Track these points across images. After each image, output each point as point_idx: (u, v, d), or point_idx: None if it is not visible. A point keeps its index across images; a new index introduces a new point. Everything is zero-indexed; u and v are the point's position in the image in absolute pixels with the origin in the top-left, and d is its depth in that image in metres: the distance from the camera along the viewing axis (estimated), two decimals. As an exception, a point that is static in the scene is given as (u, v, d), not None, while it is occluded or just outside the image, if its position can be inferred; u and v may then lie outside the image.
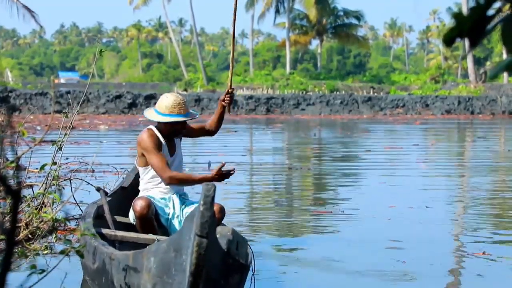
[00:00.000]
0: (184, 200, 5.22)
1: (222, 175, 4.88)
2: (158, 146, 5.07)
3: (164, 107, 5.03)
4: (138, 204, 4.88)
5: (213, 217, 3.27)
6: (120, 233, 4.87)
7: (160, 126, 5.13)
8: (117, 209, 5.40)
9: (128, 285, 3.84)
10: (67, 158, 5.95)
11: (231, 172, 4.94)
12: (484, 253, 5.98)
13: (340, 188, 10.37)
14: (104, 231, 4.85)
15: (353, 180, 11.29)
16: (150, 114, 5.10)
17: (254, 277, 5.00)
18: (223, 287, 3.65)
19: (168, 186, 5.14)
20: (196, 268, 3.27)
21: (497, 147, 18.61)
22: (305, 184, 11.12)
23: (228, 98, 5.50)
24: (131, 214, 5.06)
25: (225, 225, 5.17)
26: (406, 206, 8.28)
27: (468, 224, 7.43)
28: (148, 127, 5.18)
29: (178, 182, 5.04)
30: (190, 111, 5.16)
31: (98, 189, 5.67)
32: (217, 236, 3.57)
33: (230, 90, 5.51)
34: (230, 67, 5.65)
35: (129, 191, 5.63)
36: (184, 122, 5.13)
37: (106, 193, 5.53)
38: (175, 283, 3.41)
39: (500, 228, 7.36)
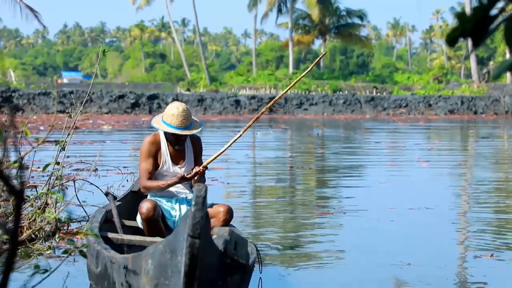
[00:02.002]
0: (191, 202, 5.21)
1: (189, 177, 4.96)
2: (153, 153, 5.12)
3: (167, 116, 5.05)
4: (144, 206, 4.89)
5: (205, 218, 3.28)
6: (127, 237, 4.86)
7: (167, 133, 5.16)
8: (128, 214, 5.40)
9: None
10: (68, 157, 5.94)
11: (199, 171, 4.97)
12: (492, 255, 5.90)
13: (341, 188, 10.35)
14: (111, 235, 4.85)
15: (354, 179, 11.28)
16: (156, 121, 5.14)
17: (261, 279, 5.01)
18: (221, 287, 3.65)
19: (174, 189, 5.16)
20: (189, 269, 3.28)
21: (500, 146, 18.58)
22: (306, 184, 11.11)
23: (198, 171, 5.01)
24: (139, 217, 5.07)
25: (233, 226, 5.18)
26: (408, 207, 8.25)
27: (473, 225, 7.41)
28: (155, 132, 5.21)
29: (149, 191, 5.15)
30: (193, 121, 5.11)
31: (106, 194, 5.67)
32: (214, 236, 3.57)
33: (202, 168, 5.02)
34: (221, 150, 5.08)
35: (140, 195, 5.63)
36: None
37: (114, 197, 5.53)
38: (171, 284, 3.42)
39: (508, 230, 7.33)
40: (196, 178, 4.98)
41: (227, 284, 3.68)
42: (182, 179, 5.00)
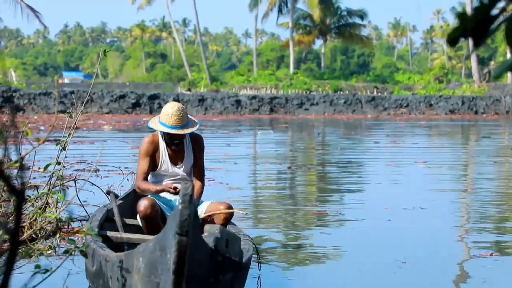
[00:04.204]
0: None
1: (175, 191, 4.89)
2: (151, 154, 5.13)
3: (162, 116, 5.05)
4: (142, 204, 4.89)
5: (193, 215, 3.29)
6: (126, 235, 4.86)
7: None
8: (130, 212, 5.40)
9: (122, 286, 3.86)
10: (66, 157, 5.95)
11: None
12: (491, 254, 5.87)
13: (340, 188, 10.34)
14: (110, 233, 4.85)
15: (353, 179, 11.28)
16: (153, 121, 5.14)
17: (260, 277, 5.01)
18: (213, 285, 3.67)
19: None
20: (177, 267, 3.30)
21: (500, 146, 18.57)
22: (305, 184, 11.11)
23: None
24: (138, 215, 5.07)
25: (233, 223, 5.19)
26: (405, 206, 8.22)
27: (472, 224, 7.41)
28: (154, 132, 5.20)
29: (142, 192, 5.14)
30: (189, 120, 5.10)
31: (108, 193, 5.66)
32: (205, 234, 3.59)
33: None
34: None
35: (142, 194, 5.63)
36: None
37: (116, 196, 5.53)
38: (161, 282, 3.44)
39: (507, 229, 7.32)
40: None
41: (219, 281, 3.70)
42: (167, 188, 4.93)
